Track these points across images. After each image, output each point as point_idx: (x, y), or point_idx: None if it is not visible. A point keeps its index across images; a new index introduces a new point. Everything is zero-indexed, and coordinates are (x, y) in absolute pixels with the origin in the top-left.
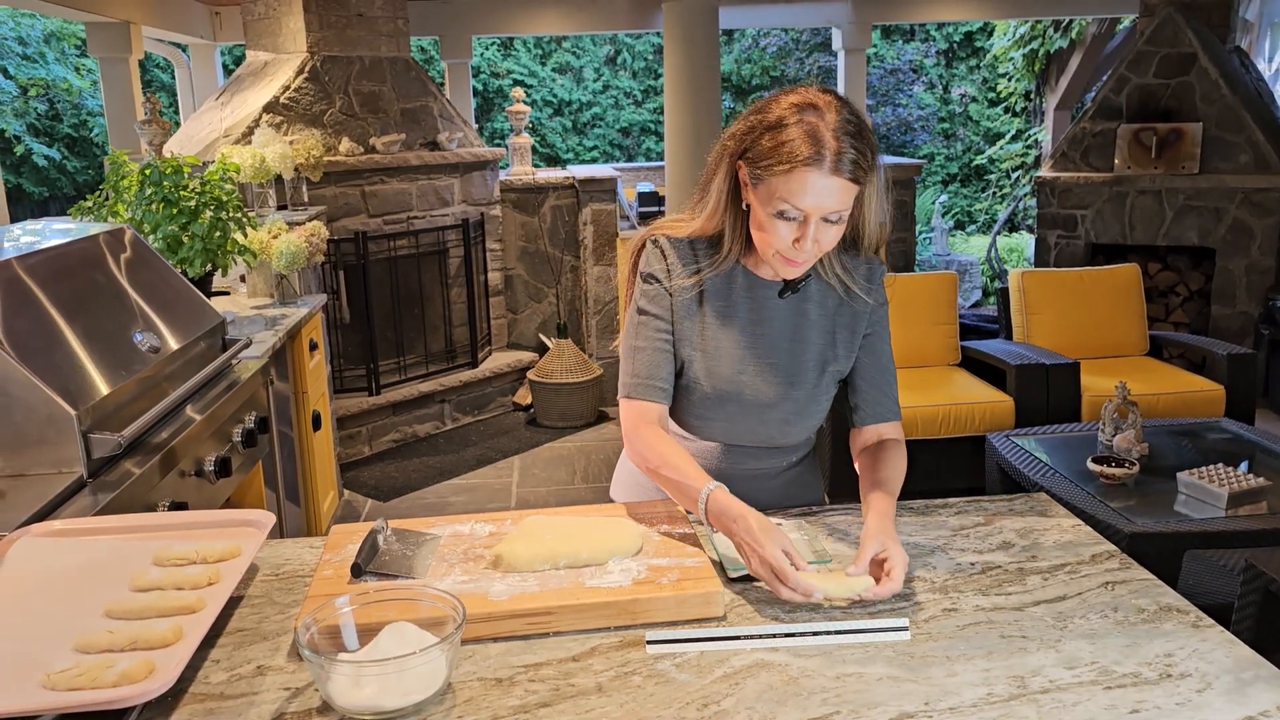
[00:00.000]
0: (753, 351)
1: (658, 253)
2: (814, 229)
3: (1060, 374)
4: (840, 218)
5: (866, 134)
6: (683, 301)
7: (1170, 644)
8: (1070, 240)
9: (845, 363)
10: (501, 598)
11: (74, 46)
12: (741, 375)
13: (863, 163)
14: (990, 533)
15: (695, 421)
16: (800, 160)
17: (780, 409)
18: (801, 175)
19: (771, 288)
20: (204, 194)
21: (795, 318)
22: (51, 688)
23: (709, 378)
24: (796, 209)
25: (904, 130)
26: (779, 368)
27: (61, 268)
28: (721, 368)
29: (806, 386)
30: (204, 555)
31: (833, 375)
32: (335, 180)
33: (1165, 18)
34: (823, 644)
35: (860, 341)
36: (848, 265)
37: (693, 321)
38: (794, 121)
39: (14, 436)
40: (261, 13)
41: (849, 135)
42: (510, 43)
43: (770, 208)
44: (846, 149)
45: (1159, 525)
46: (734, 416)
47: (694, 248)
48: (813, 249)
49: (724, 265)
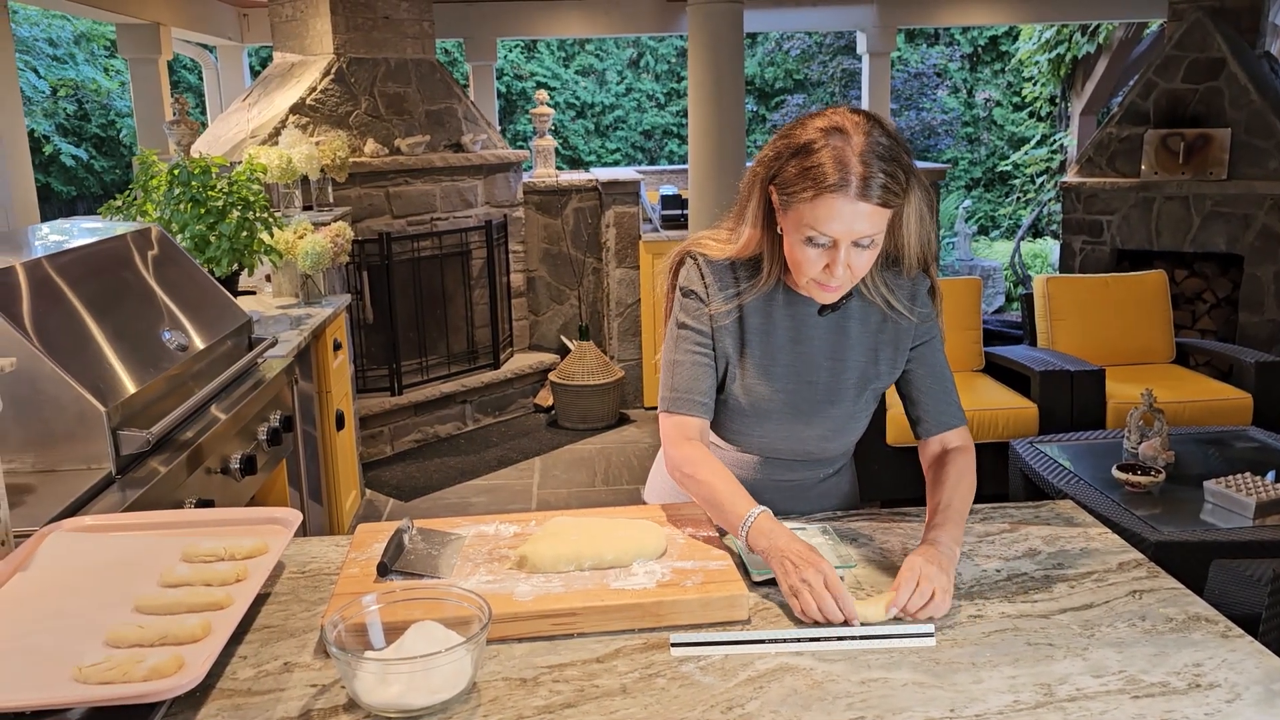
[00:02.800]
0: (792, 370)
1: (697, 271)
2: (845, 254)
3: (1085, 380)
4: (873, 242)
5: (900, 154)
6: (722, 321)
7: (1199, 653)
8: (1096, 246)
9: (888, 379)
10: (526, 598)
11: (103, 48)
12: (780, 394)
13: (893, 186)
14: (1016, 539)
15: (734, 435)
16: (826, 187)
17: (819, 427)
18: (828, 202)
19: (811, 305)
20: (231, 194)
21: (836, 336)
22: (83, 681)
23: (747, 395)
24: (824, 235)
25: (927, 134)
26: (819, 386)
27: (91, 267)
28: (760, 386)
29: (846, 404)
30: (232, 552)
31: (873, 393)
32: (360, 181)
33: (1194, 22)
34: (848, 649)
35: (909, 355)
36: (891, 284)
37: (733, 339)
38: (820, 147)
39: (45, 432)
40: (289, 15)
41: (879, 159)
42: (533, 45)
43: (799, 234)
44: (875, 173)
45: (1185, 534)
46: (772, 433)
47: (734, 269)
48: (845, 275)
49: (764, 288)
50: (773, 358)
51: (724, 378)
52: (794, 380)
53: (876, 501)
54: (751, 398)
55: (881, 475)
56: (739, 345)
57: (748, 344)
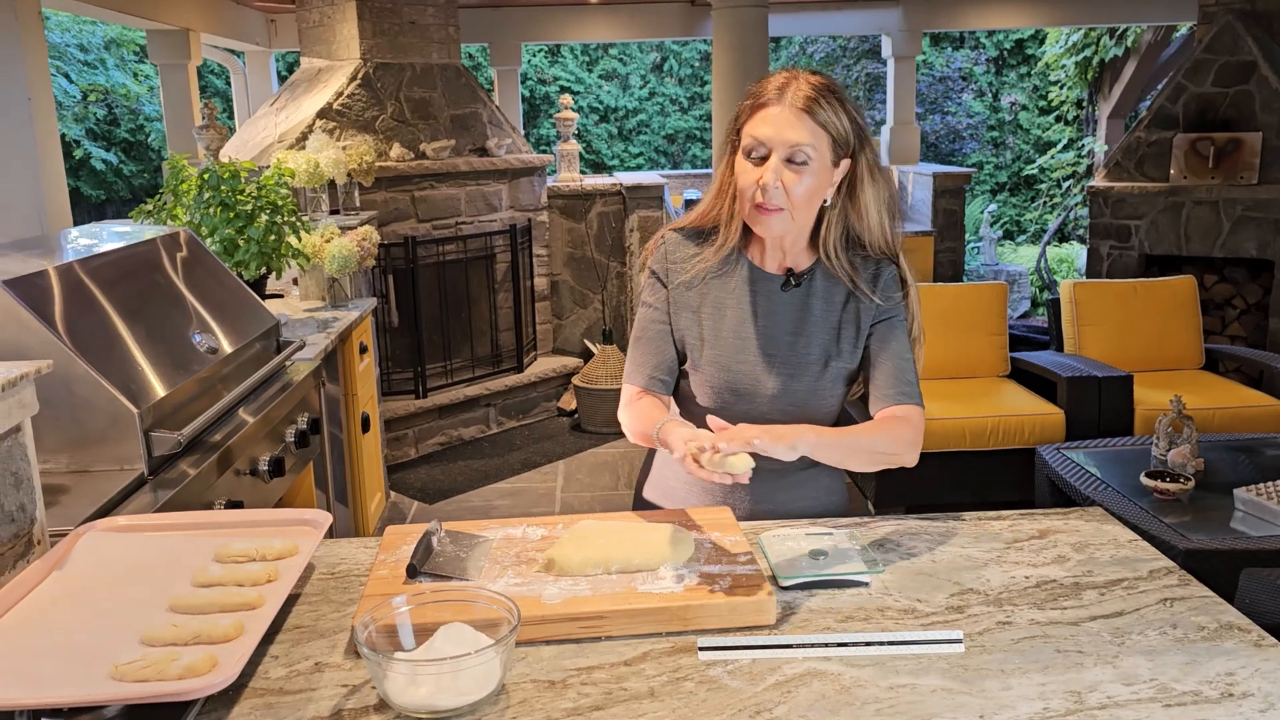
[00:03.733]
0: (754, 342)
1: (662, 252)
2: (776, 164)
3: (1113, 386)
4: (806, 158)
5: (843, 99)
6: (683, 294)
7: (1232, 662)
8: (1124, 251)
9: (850, 359)
10: (554, 601)
11: (133, 53)
12: (741, 365)
13: (825, 105)
14: (1044, 546)
15: (701, 412)
16: (761, 100)
17: (780, 400)
18: (763, 112)
19: (774, 280)
20: (260, 198)
21: (799, 312)
22: (119, 679)
23: (709, 366)
24: (758, 140)
25: (953, 138)
26: (779, 359)
27: (123, 270)
28: (722, 357)
29: (808, 380)
30: (263, 553)
31: (837, 371)
32: (386, 185)
33: (1224, 25)
34: (875, 654)
35: (870, 331)
36: (855, 264)
37: (694, 313)
38: (767, 78)
39: (79, 434)
40: (316, 20)
41: (813, 87)
42: (557, 50)
43: (744, 151)
44: (805, 89)
45: (1215, 542)
46: (734, 407)
47: (700, 237)
48: (777, 192)
49: (725, 249)
50: (735, 331)
51: (687, 351)
52: (756, 353)
53: (901, 506)
54: (714, 369)
55: (907, 480)
56: (702, 319)
57: (711, 317)
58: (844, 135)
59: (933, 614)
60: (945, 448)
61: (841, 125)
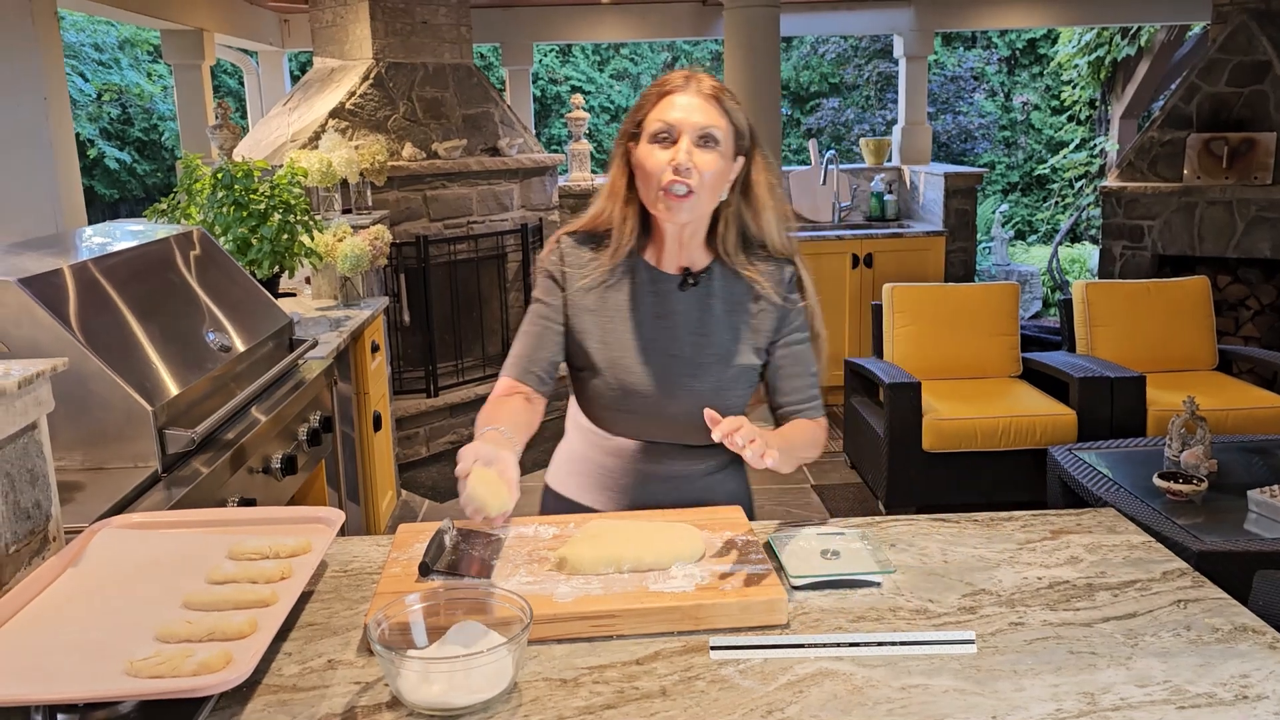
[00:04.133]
0: (655, 344)
1: (558, 255)
2: (686, 145)
3: (1125, 387)
4: (716, 141)
5: (736, 99)
6: (583, 298)
7: (1246, 665)
8: (1136, 251)
9: (752, 360)
10: (566, 600)
11: (146, 53)
12: (643, 366)
13: (729, 101)
14: (1057, 547)
15: (606, 416)
16: (667, 88)
17: (684, 401)
18: (669, 99)
19: (672, 281)
20: (273, 197)
21: (699, 312)
22: (134, 675)
23: (612, 369)
24: (666, 122)
25: (964, 138)
26: (681, 359)
27: (137, 269)
28: (626, 359)
29: (709, 380)
30: (276, 550)
31: (739, 371)
32: (398, 185)
33: (1239, 25)
34: (888, 654)
35: (779, 345)
36: (755, 263)
37: (595, 315)
38: (668, 74)
39: (93, 431)
40: (329, 20)
41: (716, 83)
42: (569, 49)
43: (649, 136)
44: (711, 83)
45: (1228, 544)
46: (639, 409)
47: (595, 241)
48: (690, 171)
49: (621, 251)
50: (636, 332)
51: (589, 355)
52: (657, 354)
53: (912, 506)
54: (616, 372)
55: (918, 481)
56: (603, 322)
57: (613, 320)
58: (744, 129)
59: (945, 614)
60: (956, 448)
61: (742, 119)
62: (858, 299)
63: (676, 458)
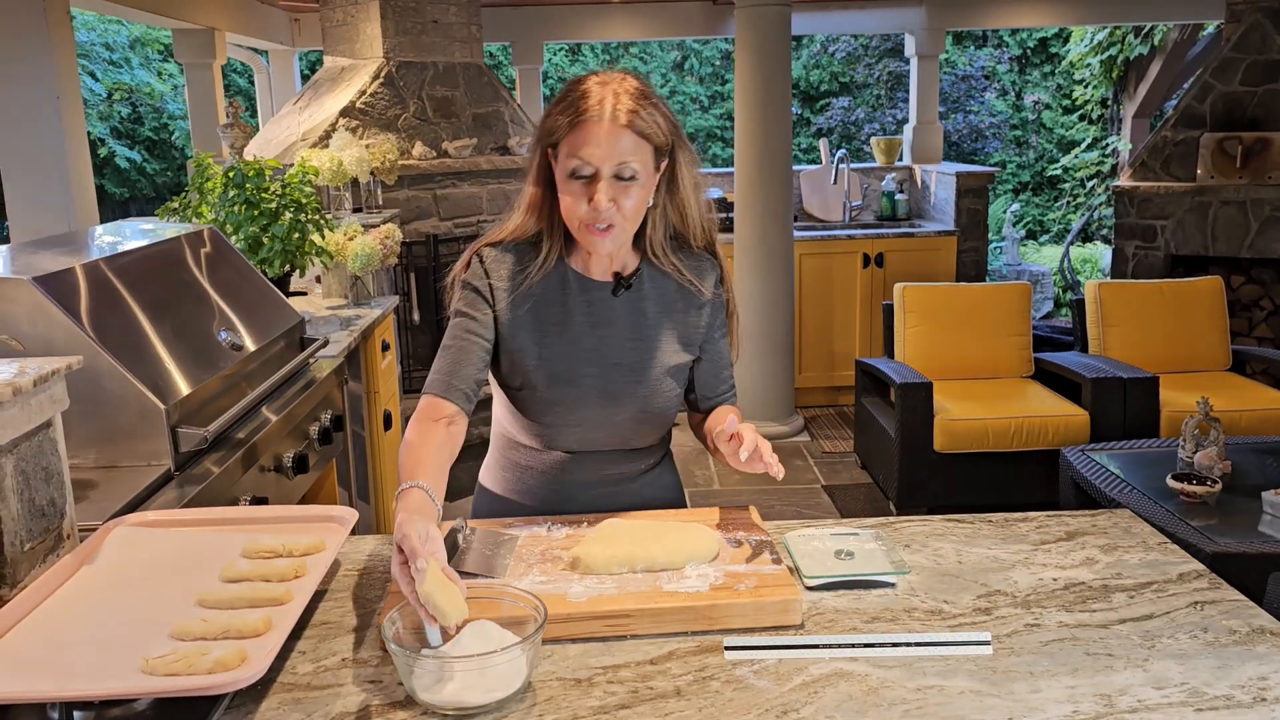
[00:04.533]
0: (596, 354)
1: (481, 269)
2: (606, 184)
3: (1138, 388)
4: (634, 175)
5: (658, 102)
6: (514, 313)
7: (1264, 667)
8: (1149, 251)
9: (685, 356)
10: (580, 599)
11: (157, 52)
12: (588, 379)
13: (646, 117)
14: (1072, 548)
15: (547, 430)
16: (581, 114)
17: (629, 408)
18: (585, 129)
19: (604, 288)
20: (284, 196)
21: (634, 316)
22: (150, 672)
23: (553, 384)
24: (584, 161)
25: (975, 137)
26: (624, 367)
27: (149, 268)
28: (566, 373)
29: (650, 383)
30: (290, 549)
31: (676, 370)
32: (408, 184)
33: (1253, 23)
34: (903, 655)
35: (709, 336)
36: (683, 263)
37: (528, 332)
38: (580, 89)
39: (107, 429)
40: (339, 19)
41: (631, 96)
42: (578, 48)
43: (566, 171)
44: (625, 103)
45: (1242, 545)
46: (585, 421)
47: (519, 258)
48: (611, 210)
49: (549, 263)
50: (575, 344)
51: (526, 373)
52: (600, 364)
53: (924, 507)
54: (559, 387)
55: (930, 481)
56: (538, 337)
57: (547, 334)
58: (664, 139)
59: (960, 615)
60: (968, 448)
61: (661, 130)
62: (868, 299)
63: (619, 462)
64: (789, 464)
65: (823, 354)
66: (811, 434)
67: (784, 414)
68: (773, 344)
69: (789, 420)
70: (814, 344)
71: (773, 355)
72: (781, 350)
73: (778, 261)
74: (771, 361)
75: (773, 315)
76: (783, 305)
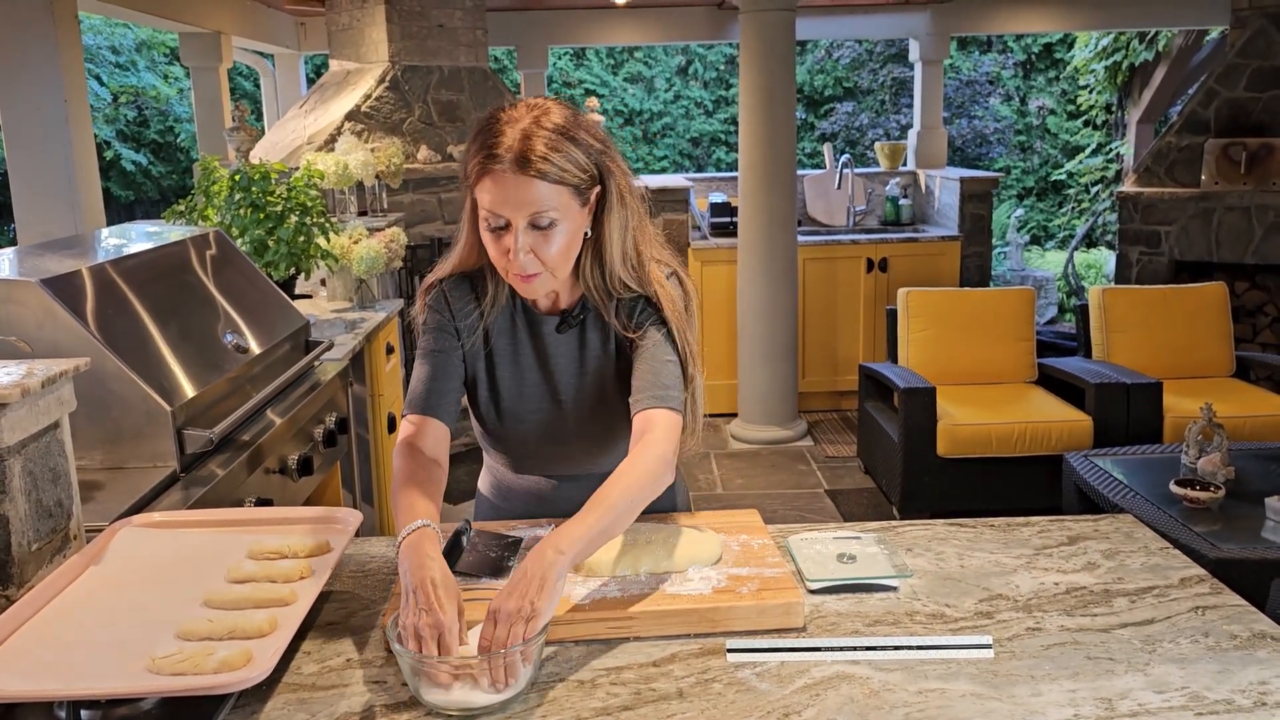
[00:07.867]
0: (544, 389)
1: (443, 299)
2: (521, 236)
3: (1142, 394)
4: (551, 222)
5: (578, 135)
6: (471, 345)
7: (1265, 671)
8: (1153, 257)
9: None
10: (584, 601)
11: (163, 55)
12: (537, 415)
13: (558, 162)
14: (1074, 553)
15: (515, 462)
16: (486, 161)
17: (582, 442)
18: (492, 178)
19: (550, 323)
20: (290, 199)
21: (578, 350)
22: (156, 672)
23: (502, 420)
24: (493, 211)
25: (979, 143)
26: (572, 403)
27: (155, 270)
28: (518, 409)
29: (602, 415)
30: (295, 550)
31: (621, 400)
32: (413, 187)
33: (1258, 29)
34: (904, 658)
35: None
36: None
37: (483, 364)
38: (488, 127)
39: (113, 431)
40: (345, 23)
41: (545, 134)
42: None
43: (483, 219)
44: (536, 146)
45: (1246, 551)
46: (541, 454)
47: (474, 291)
48: (530, 261)
49: (499, 301)
50: (522, 380)
51: (483, 407)
52: (545, 401)
53: (926, 512)
54: (513, 422)
55: (932, 486)
56: (489, 369)
57: (498, 367)
58: (585, 177)
59: (961, 619)
60: (972, 453)
61: (580, 168)
62: (872, 303)
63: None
64: (792, 468)
65: (826, 358)
66: (815, 438)
67: (787, 418)
68: (776, 348)
69: (792, 424)
70: (817, 348)
71: (776, 359)
72: (785, 355)
73: (781, 266)
74: (775, 366)
75: (776, 320)
76: (786, 310)
